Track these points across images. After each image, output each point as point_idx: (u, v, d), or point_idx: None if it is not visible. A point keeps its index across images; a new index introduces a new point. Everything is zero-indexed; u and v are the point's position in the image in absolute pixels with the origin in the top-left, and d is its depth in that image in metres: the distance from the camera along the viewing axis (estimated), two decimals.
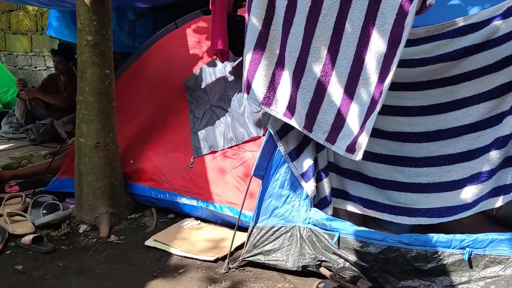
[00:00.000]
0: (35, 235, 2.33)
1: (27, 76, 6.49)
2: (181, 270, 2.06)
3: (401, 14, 1.68)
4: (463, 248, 1.78)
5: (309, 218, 2.03)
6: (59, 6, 4.99)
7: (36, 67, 6.47)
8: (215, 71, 2.96)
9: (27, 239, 2.28)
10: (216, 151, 2.65)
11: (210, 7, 2.74)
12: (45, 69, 6.39)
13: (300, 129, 1.95)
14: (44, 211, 2.55)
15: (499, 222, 2.17)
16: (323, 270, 1.97)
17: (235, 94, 2.75)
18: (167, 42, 3.30)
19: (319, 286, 1.88)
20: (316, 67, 1.86)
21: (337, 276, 1.90)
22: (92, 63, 2.43)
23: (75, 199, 2.65)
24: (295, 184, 2.11)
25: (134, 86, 3.12)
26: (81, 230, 2.49)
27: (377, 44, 1.75)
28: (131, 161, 2.79)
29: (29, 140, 4.85)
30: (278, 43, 1.94)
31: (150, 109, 3.00)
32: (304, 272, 2.00)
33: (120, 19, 5.34)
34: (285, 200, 2.11)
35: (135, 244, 2.33)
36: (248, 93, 2.02)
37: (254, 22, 1.96)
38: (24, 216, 2.52)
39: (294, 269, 2.01)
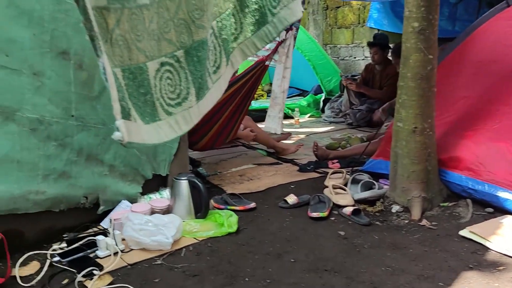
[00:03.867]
0: (354, 207, 2.58)
1: (347, 66, 7.15)
2: (501, 268, 1.91)
3: None
4: None
5: None
6: None
7: (355, 57, 7.04)
8: None
9: (348, 210, 2.56)
10: None
11: None
12: (363, 59, 6.88)
13: None
14: (361, 188, 2.81)
15: None
16: None
17: None
18: (495, 23, 3.04)
19: None
20: None
21: None
22: (416, 49, 2.47)
23: (389, 180, 2.78)
24: None
25: (454, 72, 3.02)
26: (393, 210, 2.61)
27: None
28: (448, 148, 2.72)
29: (347, 124, 5.37)
30: None
31: (471, 95, 2.85)
32: None
33: (441, 3, 5.19)
34: None
35: (448, 232, 2.29)
36: None
37: None
38: (345, 190, 2.83)
39: None
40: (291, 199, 2.74)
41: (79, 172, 2.32)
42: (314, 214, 2.52)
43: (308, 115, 5.90)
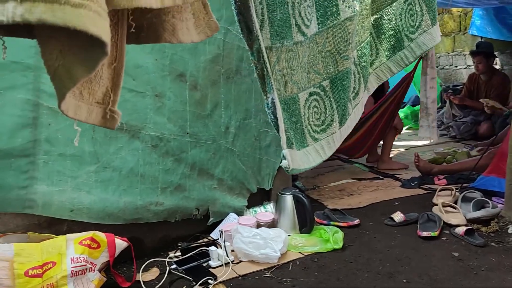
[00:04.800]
0: (467, 227, 2.45)
1: (447, 75, 6.81)
2: None
3: None
4: None
5: None
6: (486, 4, 4.96)
7: (456, 66, 6.68)
8: None
9: (460, 229, 2.43)
10: None
11: None
12: (465, 68, 6.51)
13: None
14: (474, 207, 2.66)
15: None
16: None
17: None
18: None
19: None
20: None
21: None
22: None
23: (505, 198, 2.61)
24: None
25: None
26: (510, 231, 2.45)
27: None
28: None
29: (449, 136, 5.11)
30: None
31: None
32: None
33: None
34: None
35: None
36: None
37: None
38: (456, 208, 2.70)
39: None
40: (398, 216, 2.67)
41: (192, 185, 2.48)
42: (425, 234, 2.43)
43: (406, 127, 5.71)
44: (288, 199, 2.54)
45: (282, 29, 1.95)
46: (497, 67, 5.79)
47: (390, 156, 4.33)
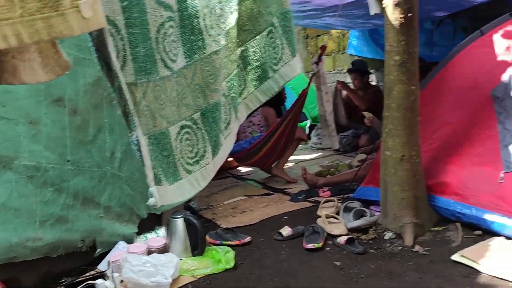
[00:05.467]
0: (348, 236, 2.63)
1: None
2: None
3: None
4: None
5: None
6: (361, 26, 5.43)
7: None
8: None
9: (342, 239, 2.60)
10: None
11: None
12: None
13: None
14: (354, 216, 2.86)
15: None
16: None
17: None
18: (472, 51, 3.18)
19: None
20: None
21: None
22: (399, 81, 2.58)
23: (381, 207, 2.85)
24: None
25: (436, 98, 3.13)
26: (386, 237, 2.67)
27: None
28: (435, 174, 2.81)
29: (333, 150, 5.45)
30: None
31: (453, 121, 2.96)
32: None
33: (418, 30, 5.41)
34: None
35: (441, 257, 2.35)
36: None
37: None
38: (338, 219, 2.88)
39: None
40: (286, 231, 2.79)
41: (75, 215, 2.34)
42: (309, 246, 2.56)
43: None
44: (179, 223, 2.51)
45: (147, 64, 1.96)
46: (374, 83, 6.34)
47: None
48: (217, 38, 2.05)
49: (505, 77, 2.83)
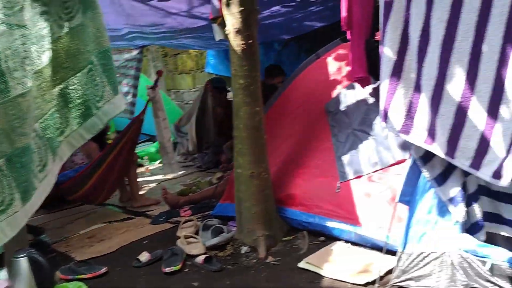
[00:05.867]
0: (207, 255, 2.69)
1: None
2: None
3: None
4: None
5: (460, 244, 1.99)
6: (216, 47, 5.62)
7: None
8: (355, 94, 3.06)
9: (200, 259, 2.65)
10: (361, 175, 2.75)
11: (348, 37, 2.87)
12: None
13: (442, 156, 1.95)
14: (212, 234, 2.94)
15: None
16: None
17: (377, 117, 2.80)
18: (310, 72, 3.51)
19: None
20: (455, 94, 1.85)
21: None
22: (244, 103, 2.74)
23: (236, 222, 2.97)
24: (443, 209, 2.08)
25: (281, 116, 3.39)
26: (242, 251, 2.78)
27: None
28: (283, 187, 3.03)
29: (196, 167, 5.52)
30: (414, 72, 1.98)
31: (296, 136, 3.22)
32: None
33: (267, 49, 5.79)
34: (434, 226, 2.09)
35: (290, 265, 2.53)
36: (385, 122, 2.09)
37: (388, 54, 2.04)
38: (197, 238, 2.93)
39: None
40: (144, 256, 2.74)
41: None
42: (167, 269, 2.56)
43: (158, 161, 5.91)
44: (22, 262, 2.31)
45: None
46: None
47: (142, 192, 4.43)
48: (23, 80, 1.96)
49: (336, 93, 3.18)
